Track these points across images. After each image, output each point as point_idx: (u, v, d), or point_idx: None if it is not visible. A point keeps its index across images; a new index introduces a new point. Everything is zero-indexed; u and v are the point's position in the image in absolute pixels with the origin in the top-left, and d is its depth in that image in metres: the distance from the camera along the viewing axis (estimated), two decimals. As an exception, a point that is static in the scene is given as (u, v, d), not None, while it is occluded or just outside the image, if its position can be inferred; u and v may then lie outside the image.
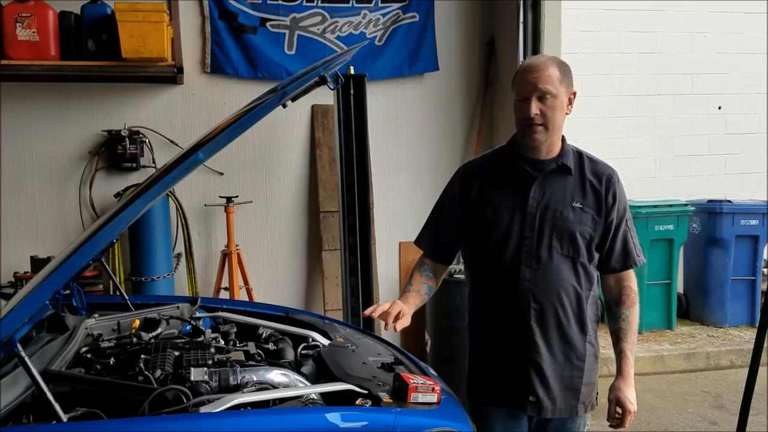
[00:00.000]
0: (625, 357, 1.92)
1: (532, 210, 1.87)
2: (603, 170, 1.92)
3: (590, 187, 1.89)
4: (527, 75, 1.83)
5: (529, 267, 1.86)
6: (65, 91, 3.95)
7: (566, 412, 1.92)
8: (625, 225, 1.93)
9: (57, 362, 1.73)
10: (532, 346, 1.87)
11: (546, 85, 1.79)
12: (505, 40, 4.17)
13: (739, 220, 5.49)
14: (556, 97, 1.81)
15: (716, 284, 5.59)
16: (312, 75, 1.93)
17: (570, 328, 1.90)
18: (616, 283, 1.98)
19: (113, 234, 1.93)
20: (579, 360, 1.92)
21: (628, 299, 1.96)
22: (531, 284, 1.86)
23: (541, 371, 1.87)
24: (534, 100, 1.81)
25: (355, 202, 3.89)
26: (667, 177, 6.28)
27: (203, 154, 1.84)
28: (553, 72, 1.81)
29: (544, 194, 1.88)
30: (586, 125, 6.03)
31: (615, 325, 1.96)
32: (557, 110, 1.83)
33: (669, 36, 6.22)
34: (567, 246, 1.86)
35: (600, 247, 1.92)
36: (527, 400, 1.88)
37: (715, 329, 5.51)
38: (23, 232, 3.97)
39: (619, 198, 1.91)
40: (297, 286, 4.40)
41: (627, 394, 1.89)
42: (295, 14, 4.21)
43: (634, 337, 1.94)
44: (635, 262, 1.95)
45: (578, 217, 1.86)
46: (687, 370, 4.85)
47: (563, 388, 1.90)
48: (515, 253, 1.87)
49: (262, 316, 2.46)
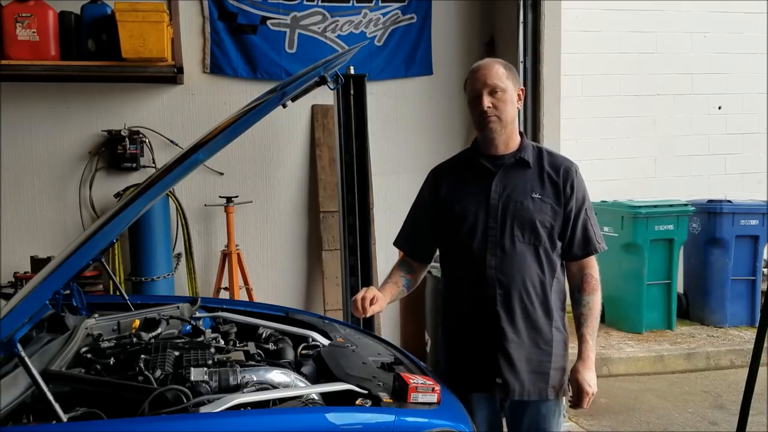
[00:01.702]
0: (586, 341, 2.01)
1: (495, 202, 2.00)
2: (561, 163, 2.06)
3: (548, 178, 2.02)
4: (477, 74, 2.01)
5: (494, 255, 1.98)
6: (65, 91, 3.95)
7: (536, 394, 2.01)
8: (584, 214, 2.05)
9: (57, 362, 1.73)
10: (498, 330, 1.98)
11: (495, 80, 1.97)
12: (505, 40, 4.17)
13: (739, 220, 5.49)
14: (505, 91, 1.97)
15: (716, 284, 5.59)
16: (312, 75, 1.93)
17: (535, 313, 2.00)
18: (578, 270, 2.08)
19: (113, 234, 1.93)
20: (546, 345, 2.02)
21: (589, 286, 2.06)
22: (497, 271, 1.98)
23: (508, 354, 1.97)
24: (485, 95, 1.97)
25: (355, 202, 3.89)
26: (667, 177, 6.29)
27: (203, 154, 1.85)
28: (500, 69, 1.99)
29: (505, 187, 2.01)
30: (586, 125, 6.06)
31: (577, 311, 2.06)
32: (508, 103, 1.98)
33: (669, 36, 6.22)
34: (528, 234, 1.98)
35: (562, 236, 2.03)
36: (495, 382, 1.99)
37: (715, 329, 5.51)
38: (23, 232, 3.97)
39: (577, 188, 2.03)
40: (297, 286, 4.40)
41: (585, 377, 1.98)
42: (295, 13, 4.21)
43: (595, 323, 2.04)
44: (596, 249, 2.07)
45: (538, 207, 1.99)
46: (687, 370, 4.85)
47: (531, 371, 2.00)
48: (481, 243, 2.00)
49: (262, 316, 2.46)
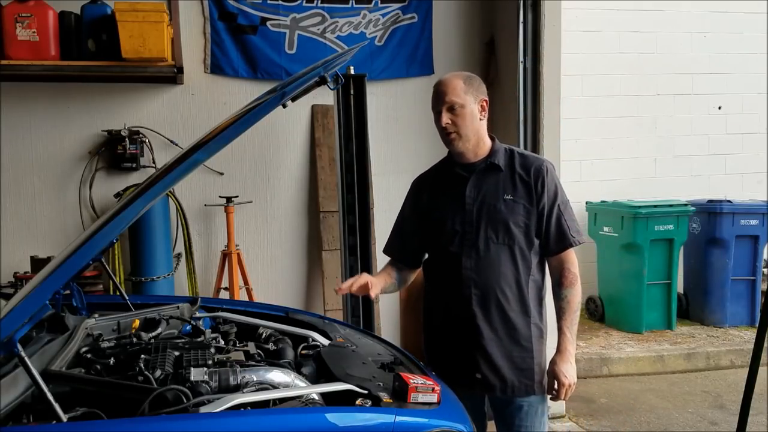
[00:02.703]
0: (563, 334, 2.07)
1: (469, 207, 2.09)
2: (532, 162, 2.12)
3: (520, 179, 2.09)
4: (437, 89, 2.08)
5: (469, 257, 2.07)
6: (65, 91, 3.95)
7: (522, 391, 2.08)
8: (557, 209, 2.09)
9: (57, 362, 1.73)
10: (475, 329, 2.06)
11: (452, 97, 2.03)
12: (505, 40, 4.17)
13: (739, 220, 5.49)
14: (464, 106, 2.03)
15: (716, 284, 5.59)
16: (312, 75, 1.94)
17: (511, 310, 2.06)
18: (557, 265, 2.13)
19: (113, 234, 1.93)
20: (526, 341, 2.08)
21: (567, 280, 2.10)
22: (472, 272, 2.06)
23: (485, 351, 2.05)
24: (444, 111, 2.04)
25: (355, 202, 3.89)
26: (667, 177, 6.29)
27: (203, 154, 1.84)
28: (458, 84, 2.04)
29: (479, 192, 2.09)
30: (586, 125, 6.06)
31: (556, 304, 2.12)
32: (467, 118, 2.04)
33: (669, 36, 6.22)
34: (502, 235, 2.06)
35: (538, 233, 2.09)
36: (475, 378, 2.07)
37: (715, 329, 5.51)
38: (23, 232, 3.96)
39: (548, 185, 2.08)
40: (297, 286, 4.40)
41: (563, 369, 2.03)
42: (295, 14, 4.20)
43: (572, 316, 2.08)
44: (571, 243, 2.10)
45: (510, 208, 2.06)
46: (687, 370, 4.86)
47: (514, 368, 2.07)
48: (458, 246, 2.09)
49: (262, 316, 2.47)
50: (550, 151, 3.85)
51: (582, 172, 6.03)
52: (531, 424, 2.10)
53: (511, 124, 3.96)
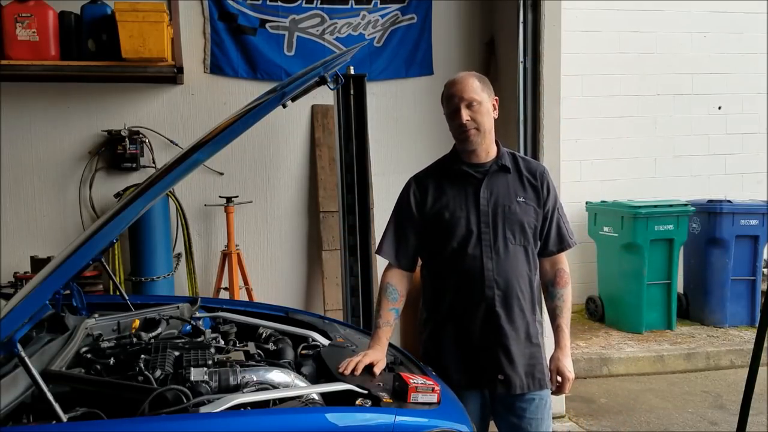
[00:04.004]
0: (562, 331, 2.14)
1: (485, 207, 2.09)
2: (536, 167, 2.18)
3: (528, 182, 2.13)
4: (452, 89, 2.07)
5: (490, 259, 2.06)
6: (65, 92, 3.95)
7: (535, 386, 2.11)
8: (557, 212, 2.17)
9: (57, 362, 1.73)
10: (498, 329, 2.06)
11: (471, 94, 2.04)
12: (505, 40, 4.17)
13: (739, 220, 5.49)
14: (481, 103, 2.05)
15: (716, 284, 5.59)
16: (312, 75, 1.94)
17: (527, 309, 2.11)
18: (551, 266, 2.19)
19: (113, 234, 1.93)
20: (536, 338, 2.13)
21: (562, 280, 2.17)
22: (494, 273, 2.06)
23: (508, 351, 2.07)
24: (463, 108, 2.04)
25: (355, 202, 3.89)
26: (667, 177, 6.29)
27: (203, 154, 1.85)
28: (474, 82, 2.06)
29: (491, 193, 2.10)
30: (586, 125, 6.06)
31: (552, 303, 2.18)
32: (485, 115, 2.06)
33: (669, 36, 6.22)
34: (519, 236, 2.09)
35: (540, 235, 2.15)
36: (497, 379, 2.07)
37: (715, 329, 5.51)
38: (23, 232, 3.97)
39: (551, 189, 2.15)
40: (297, 286, 4.40)
41: (565, 364, 2.11)
42: (294, 15, 4.20)
43: (568, 314, 2.17)
44: (569, 245, 2.18)
45: (523, 209, 2.10)
46: (687, 370, 4.86)
47: (527, 364, 2.10)
48: (476, 248, 2.07)
49: (262, 316, 2.47)
50: (550, 151, 3.85)
51: (582, 172, 6.03)
52: (542, 416, 2.13)
53: (511, 124, 3.96)
